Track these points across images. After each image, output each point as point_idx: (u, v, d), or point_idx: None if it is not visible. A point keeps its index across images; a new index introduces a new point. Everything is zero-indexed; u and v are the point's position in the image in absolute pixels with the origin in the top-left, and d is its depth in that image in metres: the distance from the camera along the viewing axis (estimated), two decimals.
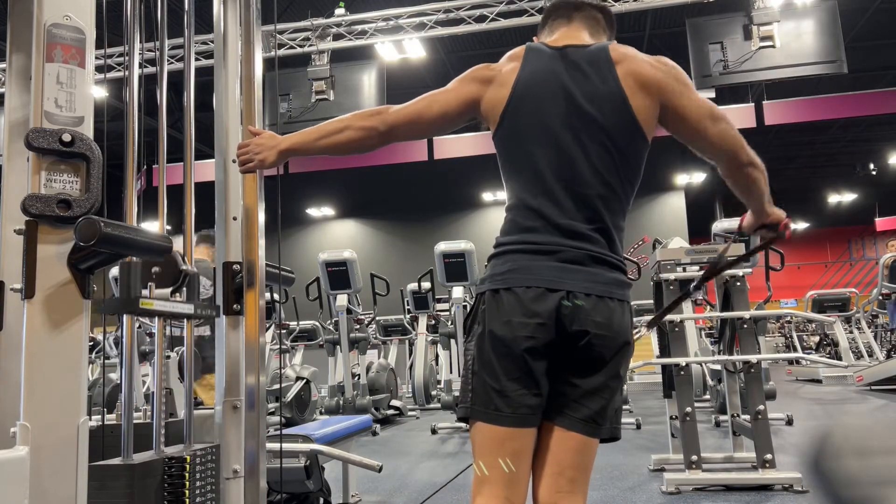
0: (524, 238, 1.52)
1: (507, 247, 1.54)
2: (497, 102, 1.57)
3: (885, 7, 10.95)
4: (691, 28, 7.93)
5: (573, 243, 1.50)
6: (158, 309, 1.71)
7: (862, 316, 10.15)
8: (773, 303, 11.60)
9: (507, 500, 1.47)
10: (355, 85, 8.80)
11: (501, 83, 1.58)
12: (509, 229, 1.56)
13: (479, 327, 1.51)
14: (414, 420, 7.66)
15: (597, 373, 1.50)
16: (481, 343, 1.50)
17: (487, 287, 1.53)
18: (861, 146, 18.08)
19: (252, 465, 1.91)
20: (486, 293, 1.52)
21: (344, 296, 7.15)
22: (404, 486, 4.03)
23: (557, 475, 1.52)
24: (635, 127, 1.55)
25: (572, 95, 1.54)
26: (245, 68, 2.04)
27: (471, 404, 1.50)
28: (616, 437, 1.62)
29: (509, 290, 1.48)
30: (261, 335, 1.97)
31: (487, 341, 1.48)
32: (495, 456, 1.48)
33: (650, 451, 4.57)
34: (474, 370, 1.50)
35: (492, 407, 1.47)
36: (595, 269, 1.51)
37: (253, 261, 1.97)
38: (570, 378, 1.50)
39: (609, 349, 1.49)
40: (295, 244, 17.47)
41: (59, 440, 1.35)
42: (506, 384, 1.46)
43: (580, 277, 1.48)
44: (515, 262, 1.51)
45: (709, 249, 4.01)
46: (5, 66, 1.85)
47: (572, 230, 1.51)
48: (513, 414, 1.46)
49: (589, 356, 1.49)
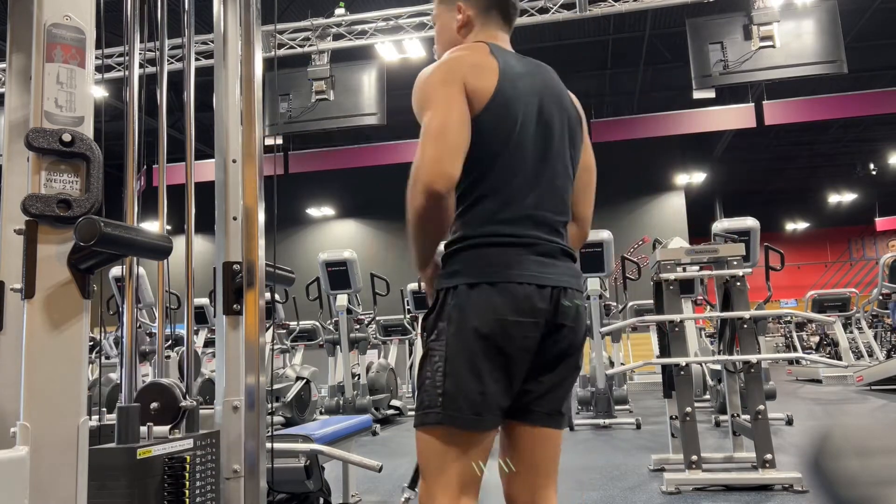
0: (498, 230, 1.46)
1: (478, 239, 1.45)
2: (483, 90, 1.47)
3: (885, 7, 10.95)
4: (691, 28, 7.93)
5: (548, 237, 1.50)
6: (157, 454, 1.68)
7: (862, 316, 10.15)
8: (773, 303, 11.60)
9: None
10: (355, 85, 8.81)
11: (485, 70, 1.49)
12: (479, 221, 1.47)
13: (452, 325, 1.41)
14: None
15: (563, 366, 1.51)
16: (459, 342, 1.40)
17: (462, 281, 1.43)
18: (861, 146, 18.08)
19: (252, 465, 1.91)
20: (461, 287, 1.43)
21: (344, 296, 7.15)
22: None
23: (534, 472, 1.53)
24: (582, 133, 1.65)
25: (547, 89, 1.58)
26: (245, 68, 2.04)
27: (442, 409, 1.39)
28: (571, 426, 1.64)
29: (493, 285, 1.41)
30: (261, 335, 1.97)
31: (470, 340, 1.40)
32: (469, 461, 1.42)
33: (650, 451, 4.57)
34: (446, 371, 1.40)
35: (471, 411, 1.39)
36: (565, 262, 1.53)
37: (253, 261, 1.97)
38: (538, 374, 1.48)
39: (577, 342, 1.52)
40: (295, 244, 17.48)
41: (59, 440, 1.35)
42: (488, 385, 1.40)
43: (558, 272, 1.49)
44: (495, 257, 1.44)
45: (709, 249, 4.01)
46: (5, 66, 1.85)
47: (547, 223, 1.51)
48: (492, 417, 1.43)
49: (561, 350, 1.49)
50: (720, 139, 15.91)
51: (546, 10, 8.30)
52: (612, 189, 16.96)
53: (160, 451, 1.70)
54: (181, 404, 1.84)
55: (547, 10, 8.30)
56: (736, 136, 15.23)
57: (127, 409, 1.69)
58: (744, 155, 18.16)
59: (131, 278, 1.99)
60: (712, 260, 3.97)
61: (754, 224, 5.71)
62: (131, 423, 1.67)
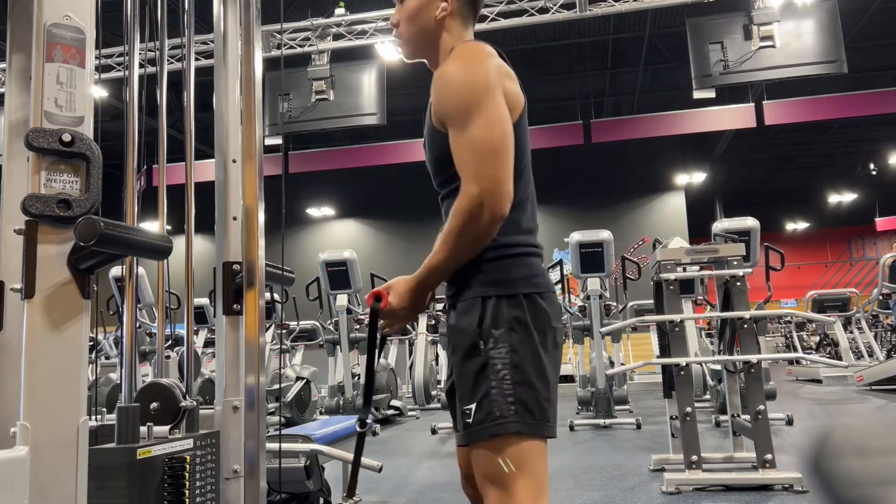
0: (529, 240, 1.49)
1: (519, 248, 1.46)
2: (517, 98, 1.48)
3: (885, 7, 10.96)
4: (691, 28, 7.94)
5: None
6: (157, 454, 1.68)
7: (862, 316, 10.15)
8: (774, 303, 11.60)
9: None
10: (355, 85, 8.81)
11: (512, 76, 1.49)
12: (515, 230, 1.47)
13: (517, 333, 1.39)
14: (414, 420, 7.66)
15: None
16: (527, 349, 1.39)
17: (520, 290, 1.42)
18: (861, 146, 18.09)
19: (252, 465, 1.91)
20: (533, 295, 1.42)
21: (344, 296, 7.15)
22: (404, 486, 4.03)
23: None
24: None
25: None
26: (245, 68, 2.04)
27: (517, 417, 1.36)
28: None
29: (545, 294, 1.44)
30: (261, 335, 1.97)
31: (549, 348, 1.42)
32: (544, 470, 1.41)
33: (650, 451, 4.57)
34: (516, 380, 1.37)
35: (544, 418, 1.39)
36: None
37: (253, 261, 1.97)
38: None
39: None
40: (295, 244, 17.48)
41: (59, 440, 1.35)
42: (554, 392, 1.42)
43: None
44: (537, 266, 1.48)
45: (709, 249, 4.01)
46: (5, 66, 1.85)
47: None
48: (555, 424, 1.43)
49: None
50: (720, 139, 15.92)
51: (546, 10, 8.30)
52: (613, 189, 17.01)
53: (160, 452, 1.70)
54: (181, 404, 1.84)
55: (547, 10, 8.30)
56: (736, 136, 15.24)
57: (127, 409, 1.69)
58: (744, 155, 18.17)
59: (131, 278, 1.99)
60: (712, 260, 3.97)
61: (754, 224, 5.71)
62: (131, 423, 1.68)
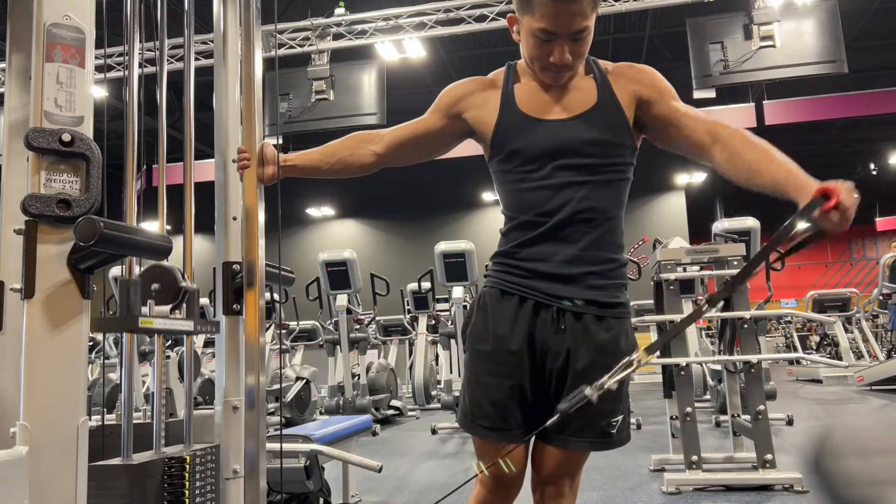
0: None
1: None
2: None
3: (885, 7, 10.95)
4: (691, 28, 7.92)
5: None
6: (158, 327, 1.70)
7: (862, 316, 10.15)
8: (774, 303, 11.59)
9: None
10: (355, 85, 8.80)
11: None
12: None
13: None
14: (414, 420, 7.66)
15: None
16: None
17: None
18: (861, 146, 18.07)
19: (252, 465, 1.91)
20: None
21: (344, 296, 7.14)
22: (404, 486, 4.03)
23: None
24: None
25: None
26: (245, 68, 2.04)
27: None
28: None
29: None
30: (261, 335, 1.97)
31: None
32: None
33: (650, 451, 4.56)
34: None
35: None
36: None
37: (253, 261, 1.97)
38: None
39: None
40: (295, 244, 17.46)
41: (59, 440, 1.35)
42: None
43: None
44: None
45: (709, 249, 4.00)
46: (5, 66, 1.85)
47: None
48: None
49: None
50: None
51: None
52: None
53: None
54: (181, 285, 1.85)
55: None
56: None
57: (128, 282, 1.69)
58: None
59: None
60: (712, 260, 3.97)
61: (754, 224, 5.70)
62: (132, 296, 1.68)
